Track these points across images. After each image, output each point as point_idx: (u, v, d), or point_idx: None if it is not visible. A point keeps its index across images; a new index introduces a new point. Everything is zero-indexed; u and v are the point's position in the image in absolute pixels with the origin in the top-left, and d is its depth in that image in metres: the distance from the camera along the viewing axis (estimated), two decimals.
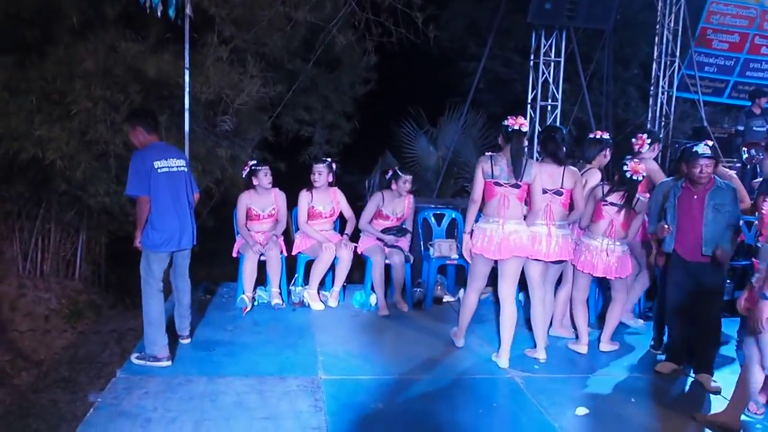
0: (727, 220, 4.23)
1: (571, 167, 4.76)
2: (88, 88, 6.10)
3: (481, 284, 4.68)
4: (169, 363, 4.38)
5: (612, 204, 4.67)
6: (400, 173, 5.83)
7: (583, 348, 4.93)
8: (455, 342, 4.97)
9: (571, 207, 4.76)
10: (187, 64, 5.84)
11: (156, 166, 4.29)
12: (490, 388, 4.25)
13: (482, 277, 4.64)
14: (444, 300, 6.11)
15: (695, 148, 4.21)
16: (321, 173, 5.75)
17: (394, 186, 5.84)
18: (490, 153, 4.53)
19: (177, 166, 4.44)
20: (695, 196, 4.27)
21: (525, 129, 4.41)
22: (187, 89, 5.89)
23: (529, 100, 9.27)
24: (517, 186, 4.38)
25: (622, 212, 4.65)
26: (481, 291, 4.78)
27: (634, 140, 5.28)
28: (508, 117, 4.48)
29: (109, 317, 7.34)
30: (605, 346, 4.95)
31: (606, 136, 5.12)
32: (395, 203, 5.89)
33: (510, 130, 4.40)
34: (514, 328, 4.61)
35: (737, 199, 4.29)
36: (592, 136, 5.15)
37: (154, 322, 4.38)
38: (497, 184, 4.39)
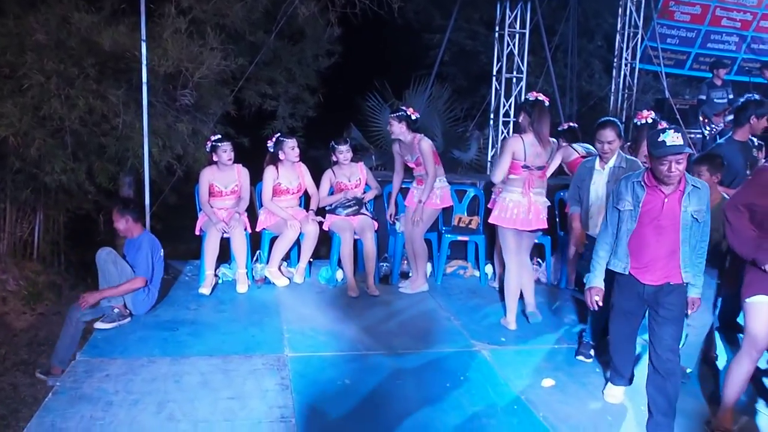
0: (705, 231, 3.33)
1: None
2: (40, 62, 5.89)
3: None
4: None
5: None
6: (334, 144, 5.81)
7: None
8: (421, 288, 5.63)
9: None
10: (143, 36, 5.66)
11: (160, 255, 4.97)
12: (457, 362, 4.25)
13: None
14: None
15: (662, 137, 3.10)
16: (295, 147, 5.73)
17: (334, 158, 5.81)
18: (421, 134, 5.54)
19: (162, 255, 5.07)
20: (666, 200, 3.23)
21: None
22: (144, 62, 5.72)
23: (494, 72, 9.24)
24: None
25: None
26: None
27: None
28: (405, 108, 5.54)
29: (69, 298, 7.18)
30: None
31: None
32: (347, 171, 5.86)
33: (414, 118, 5.51)
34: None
35: (709, 200, 3.34)
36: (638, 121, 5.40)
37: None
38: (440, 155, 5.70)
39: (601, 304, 3.48)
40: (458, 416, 3.54)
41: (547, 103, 4.65)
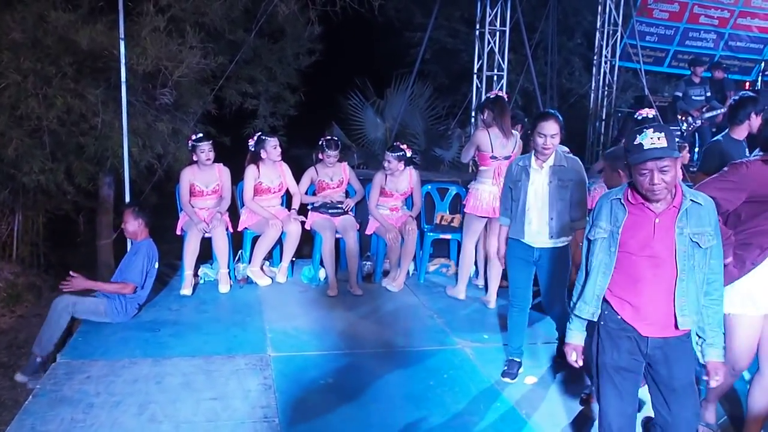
0: (715, 264, 2.55)
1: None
2: (16, 60, 5.80)
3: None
4: None
5: None
6: (324, 147, 5.80)
7: None
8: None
9: None
10: (122, 35, 5.60)
11: (155, 265, 4.86)
12: (440, 360, 4.26)
13: None
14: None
15: (638, 138, 2.44)
16: (276, 146, 5.70)
17: (321, 156, 5.81)
18: (410, 166, 5.84)
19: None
20: (657, 220, 2.50)
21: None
22: (123, 61, 5.66)
23: (475, 70, 9.26)
24: None
25: None
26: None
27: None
28: (402, 147, 5.70)
29: (49, 299, 7.03)
30: None
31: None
32: (330, 171, 5.86)
33: (409, 156, 5.74)
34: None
35: (717, 218, 2.56)
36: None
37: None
38: None
39: (581, 363, 2.78)
40: (441, 414, 3.55)
41: (506, 99, 5.25)
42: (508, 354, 4.15)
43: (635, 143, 2.45)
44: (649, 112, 5.46)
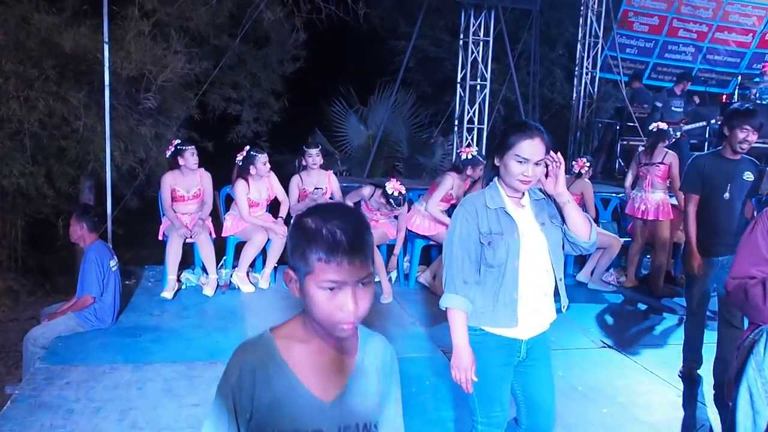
0: None
1: None
2: None
3: None
4: None
5: None
6: (304, 148, 5.83)
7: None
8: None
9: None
10: (106, 38, 5.59)
11: (110, 266, 4.60)
12: (421, 367, 4.27)
13: None
14: (375, 279, 6.12)
15: None
16: (266, 162, 5.68)
17: (304, 162, 5.82)
18: None
19: (116, 264, 4.73)
20: None
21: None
22: (106, 65, 5.64)
23: (459, 79, 9.33)
24: None
25: None
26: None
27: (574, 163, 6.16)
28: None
29: (27, 304, 7.04)
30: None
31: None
32: (315, 178, 5.87)
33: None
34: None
35: None
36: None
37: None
38: None
39: None
40: (424, 421, 3.56)
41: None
42: None
43: None
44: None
